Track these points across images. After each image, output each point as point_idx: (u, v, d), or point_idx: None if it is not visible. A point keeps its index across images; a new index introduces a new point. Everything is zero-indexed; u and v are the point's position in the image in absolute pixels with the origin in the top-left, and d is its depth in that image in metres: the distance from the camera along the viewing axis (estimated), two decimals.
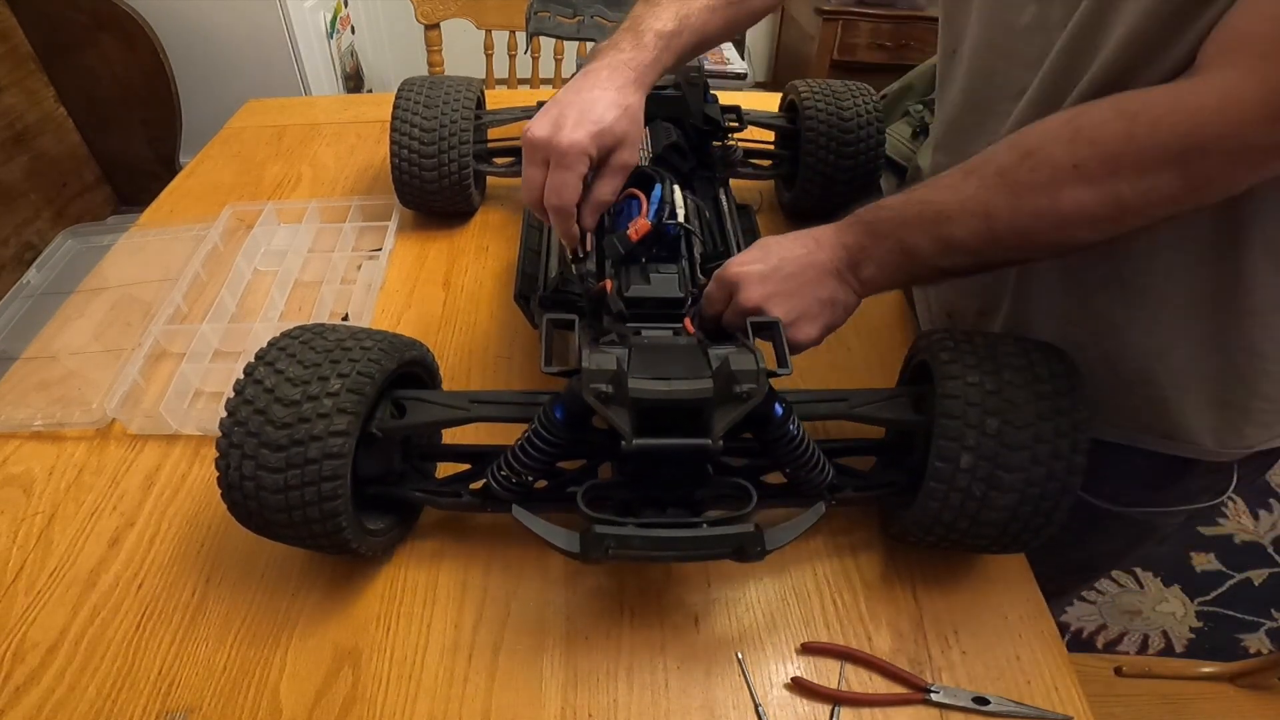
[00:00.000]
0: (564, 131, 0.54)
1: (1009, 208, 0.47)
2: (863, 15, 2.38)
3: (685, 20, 0.62)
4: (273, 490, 0.46)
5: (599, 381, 0.44)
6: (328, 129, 1.11)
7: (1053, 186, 0.45)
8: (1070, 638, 1.42)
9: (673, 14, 0.61)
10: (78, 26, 1.77)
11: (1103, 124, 0.44)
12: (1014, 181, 0.46)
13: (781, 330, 0.50)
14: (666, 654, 0.52)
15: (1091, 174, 0.44)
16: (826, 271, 0.53)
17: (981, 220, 0.48)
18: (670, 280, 0.58)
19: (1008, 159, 0.47)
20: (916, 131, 1.50)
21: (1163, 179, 0.42)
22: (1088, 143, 0.44)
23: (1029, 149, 0.46)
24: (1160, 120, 0.41)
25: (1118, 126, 0.43)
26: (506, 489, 0.51)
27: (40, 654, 0.52)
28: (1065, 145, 0.45)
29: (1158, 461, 0.60)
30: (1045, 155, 0.45)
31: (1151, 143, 0.42)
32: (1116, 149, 0.43)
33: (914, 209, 0.51)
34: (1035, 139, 0.46)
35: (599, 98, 0.56)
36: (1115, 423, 0.60)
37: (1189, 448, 0.59)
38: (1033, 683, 0.51)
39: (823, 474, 0.52)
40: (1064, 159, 0.44)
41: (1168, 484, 0.63)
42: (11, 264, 1.67)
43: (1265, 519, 1.62)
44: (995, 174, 0.47)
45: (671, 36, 0.61)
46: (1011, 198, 0.47)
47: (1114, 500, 0.64)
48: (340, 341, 0.50)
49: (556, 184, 0.55)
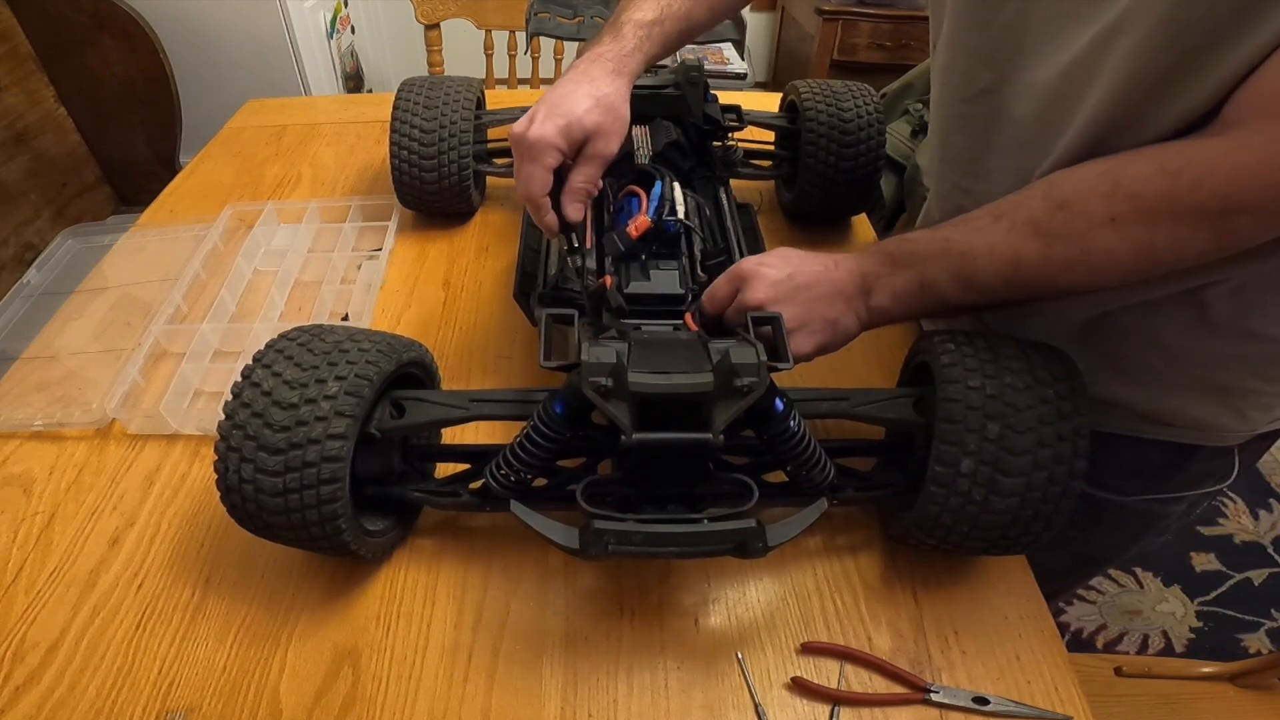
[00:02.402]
0: (533, 126, 0.57)
1: (1038, 256, 0.47)
2: (863, 15, 2.38)
3: (668, 8, 0.63)
4: (271, 493, 0.46)
5: (598, 375, 0.44)
6: (328, 129, 1.11)
7: (1086, 238, 0.45)
8: (1070, 638, 1.42)
9: (654, 3, 0.63)
10: (78, 26, 1.77)
11: (1144, 180, 0.44)
12: (1046, 231, 0.47)
13: (783, 324, 0.50)
14: (666, 654, 0.52)
15: (1127, 227, 0.44)
16: (838, 292, 0.54)
17: (1009, 265, 0.49)
18: (671, 276, 0.58)
19: (1040, 208, 0.47)
20: (916, 130, 1.50)
21: (1198, 235, 0.43)
22: (1127, 197, 0.44)
23: (1064, 200, 0.47)
24: (1202, 180, 0.42)
25: (1160, 184, 0.43)
26: (506, 487, 0.51)
27: (40, 654, 0.52)
28: (1103, 199, 0.45)
29: (1158, 450, 0.60)
30: (1081, 208, 0.46)
31: (1191, 201, 0.42)
32: (1156, 205, 0.43)
33: (939, 245, 0.52)
34: (1070, 189, 0.47)
35: (570, 91, 0.58)
36: (1114, 414, 0.60)
37: (1190, 434, 0.59)
38: (1033, 683, 0.51)
39: (824, 472, 0.52)
40: (1101, 212, 0.45)
41: (1170, 472, 0.63)
42: (11, 264, 1.67)
43: (1265, 519, 1.62)
44: (1026, 221, 0.48)
45: (652, 25, 0.62)
46: (1042, 246, 0.47)
47: (1116, 491, 0.64)
48: (338, 344, 0.49)
49: (524, 175, 0.58)
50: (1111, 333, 0.57)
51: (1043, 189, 0.48)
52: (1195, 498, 0.66)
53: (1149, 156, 0.44)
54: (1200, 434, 0.59)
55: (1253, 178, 0.40)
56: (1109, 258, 0.45)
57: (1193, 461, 0.61)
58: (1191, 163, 0.43)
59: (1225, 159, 0.42)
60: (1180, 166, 0.43)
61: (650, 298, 0.57)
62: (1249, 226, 0.42)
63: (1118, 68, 0.45)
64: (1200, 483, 0.64)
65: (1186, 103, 0.44)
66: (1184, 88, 0.44)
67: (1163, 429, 0.59)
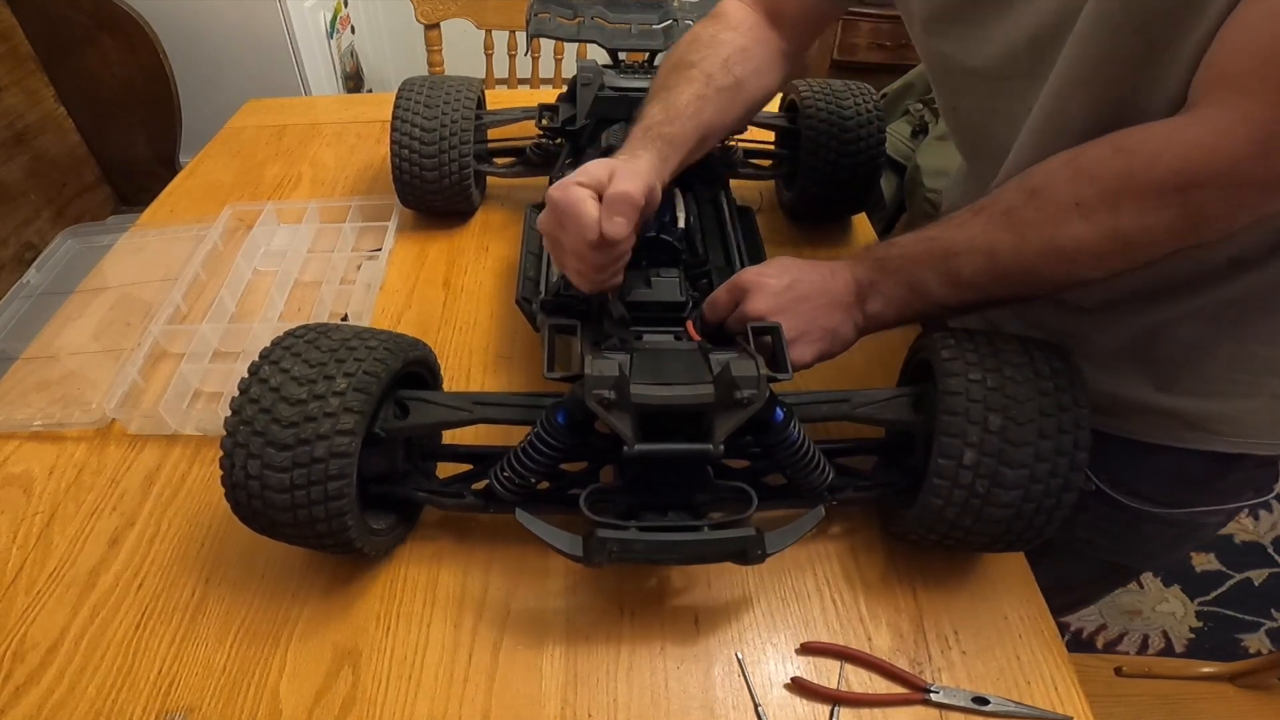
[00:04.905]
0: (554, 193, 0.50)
1: (1013, 245, 0.48)
2: (863, 15, 2.37)
3: (673, 109, 0.60)
4: (278, 489, 0.46)
5: (601, 388, 0.45)
6: (328, 129, 1.11)
7: (1054, 224, 0.46)
8: (1070, 638, 1.42)
9: (659, 109, 0.61)
10: (78, 26, 1.77)
11: (1101, 161, 0.44)
12: (1019, 220, 0.47)
13: (782, 335, 0.51)
14: (666, 654, 0.52)
15: (1092, 211, 0.44)
16: (836, 301, 0.54)
17: (986, 257, 0.49)
18: (671, 284, 0.59)
19: (1015, 198, 0.48)
20: (916, 130, 1.50)
21: (1163, 215, 0.43)
22: (1088, 180, 0.44)
23: (1034, 188, 0.47)
24: (1157, 156, 0.42)
25: (1116, 164, 0.44)
26: (509, 490, 0.51)
27: (40, 654, 0.52)
28: (1067, 183, 0.45)
29: (1200, 460, 0.60)
30: (1049, 195, 0.46)
31: (1149, 179, 0.42)
32: (1115, 186, 0.44)
33: (922, 245, 0.52)
34: (1040, 178, 0.47)
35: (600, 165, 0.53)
36: (1160, 425, 0.59)
37: (1241, 443, 0.58)
38: (1033, 683, 0.51)
39: (823, 475, 0.52)
40: (1066, 197, 0.45)
41: (1211, 482, 0.63)
42: (11, 264, 1.67)
43: (1265, 519, 1.62)
44: (1002, 212, 0.48)
45: (662, 124, 0.59)
46: (1016, 235, 0.48)
47: (1154, 502, 0.64)
48: (345, 341, 0.50)
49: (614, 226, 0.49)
50: (1165, 344, 0.57)
51: (1018, 180, 0.49)
52: (1234, 510, 0.66)
53: (1107, 139, 0.45)
54: (1251, 442, 0.58)
55: (1208, 151, 0.40)
56: (1077, 242, 0.45)
57: (1235, 472, 0.61)
58: (1146, 140, 0.43)
59: (1179, 133, 0.42)
60: (1135, 145, 0.43)
61: (651, 305, 0.57)
62: (1215, 203, 0.42)
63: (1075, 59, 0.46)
64: (1240, 494, 0.64)
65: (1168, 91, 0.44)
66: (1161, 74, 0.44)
67: (1212, 438, 0.59)
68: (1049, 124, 0.51)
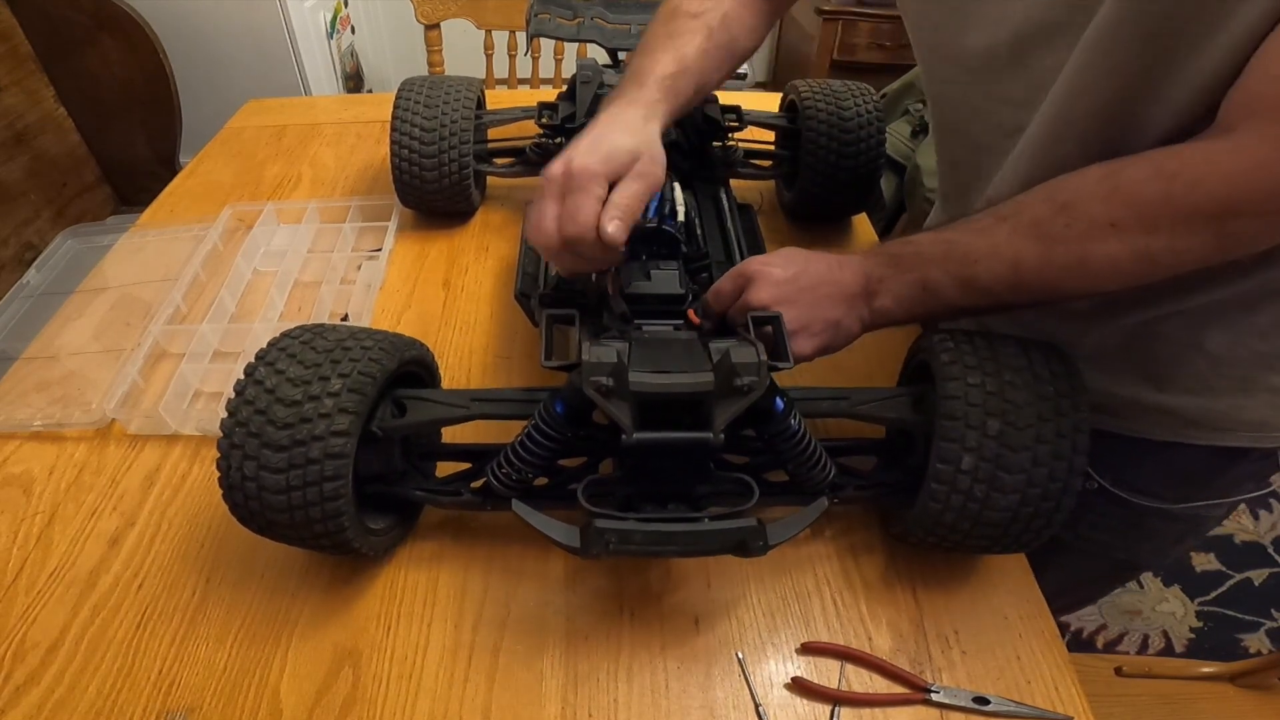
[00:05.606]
0: (576, 159, 0.52)
1: (1039, 258, 0.47)
2: (863, 15, 2.38)
3: (683, 61, 0.61)
4: (274, 490, 0.46)
5: (599, 374, 0.44)
6: (328, 129, 1.11)
7: (1086, 241, 0.46)
8: (1070, 638, 1.42)
9: (671, 58, 0.61)
10: (78, 26, 1.77)
11: (1142, 183, 0.44)
12: (1047, 234, 0.47)
13: (783, 324, 0.50)
14: (666, 654, 0.52)
15: (1127, 231, 0.44)
16: (841, 294, 0.53)
17: (1009, 267, 0.49)
18: (671, 277, 0.58)
19: (1043, 211, 0.48)
20: (916, 130, 1.50)
21: (1197, 239, 0.43)
22: (1125, 202, 0.44)
23: (1065, 202, 0.47)
24: (1198, 183, 0.42)
25: (1156, 187, 0.43)
26: (507, 486, 0.51)
27: (40, 654, 0.52)
28: (1102, 202, 0.45)
29: (1202, 455, 0.60)
30: (1082, 210, 0.46)
31: (1188, 204, 0.42)
32: (1154, 209, 0.43)
33: (941, 247, 0.52)
34: (1071, 192, 0.47)
35: (605, 131, 0.55)
36: (1161, 422, 0.59)
37: (1243, 437, 0.59)
38: (1033, 683, 0.51)
39: (824, 471, 0.52)
40: (1101, 216, 0.45)
41: (1212, 477, 0.63)
42: (11, 264, 1.67)
43: (1265, 519, 1.62)
44: (1029, 224, 0.48)
45: (675, 77, 0.60)
46: (1043, 249, 0.47)
47: (1158, 498, 0.64)
48: (340, 341, 0.50)
49: (571, 208, 0.52)
50: (1156, 341, 0.57)
51: (1046, 191, 0.48)
52: (1236, 502, 0.66)
53: (1148, 159, 0.45)
54: (1253, 436, 0.58)
55: (1249, 180, 0.41)
56: (1110, 261, 0.45)
57: (1238, 466, 0.61)
58: (1187, 165, 0.43)
59: (1221, 162, 0.42)
60: (1176, 169, 0.43)
61: (651, 298, 0.57)
62: (1250, 229, 0.42)
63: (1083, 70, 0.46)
64: (1241, 487, 0.64)
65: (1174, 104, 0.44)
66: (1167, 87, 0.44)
67: (1213, 434, 0.59)
68: (1051, 129, 0.51)
